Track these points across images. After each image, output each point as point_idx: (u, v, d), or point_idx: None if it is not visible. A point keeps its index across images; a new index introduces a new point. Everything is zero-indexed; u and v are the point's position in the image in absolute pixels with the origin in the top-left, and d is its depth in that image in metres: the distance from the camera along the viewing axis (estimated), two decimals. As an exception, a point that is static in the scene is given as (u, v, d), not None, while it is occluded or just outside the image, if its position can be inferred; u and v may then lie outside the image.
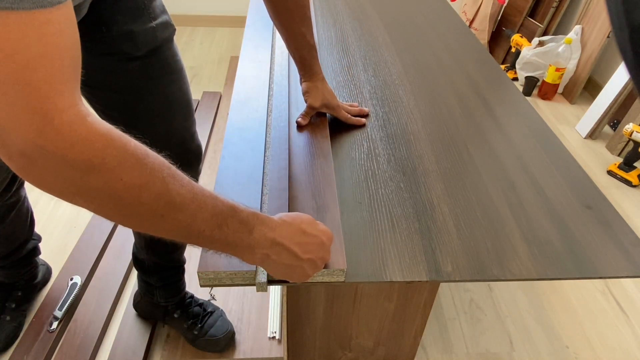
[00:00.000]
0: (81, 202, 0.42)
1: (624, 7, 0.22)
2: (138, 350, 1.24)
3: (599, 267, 0.71)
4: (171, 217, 0.46)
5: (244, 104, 0.98)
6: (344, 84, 1.13)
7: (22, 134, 0.37)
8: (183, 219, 0.47)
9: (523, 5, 2.90)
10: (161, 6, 0.83)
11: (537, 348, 1.37)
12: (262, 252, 0.54)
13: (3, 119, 0.37)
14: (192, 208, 0.47)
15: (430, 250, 0.71)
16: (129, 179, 0.42)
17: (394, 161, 0.89)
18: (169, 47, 0.85)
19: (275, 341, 1.26)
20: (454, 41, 1.39)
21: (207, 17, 3.31)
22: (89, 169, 0.40)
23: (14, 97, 0.36)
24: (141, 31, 0.78)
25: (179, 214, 0.46)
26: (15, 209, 1.16)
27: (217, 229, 0.50)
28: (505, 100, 1.12)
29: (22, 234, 1.24)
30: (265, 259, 0.55)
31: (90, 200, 0.42)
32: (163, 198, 0.45)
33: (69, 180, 0.40)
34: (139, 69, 0.80)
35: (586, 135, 2.38)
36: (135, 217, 0.45)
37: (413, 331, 1.13)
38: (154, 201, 0.44)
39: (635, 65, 0.23)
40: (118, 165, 0.41)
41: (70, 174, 0.40)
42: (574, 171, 0.90)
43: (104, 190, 0.41)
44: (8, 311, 1.28)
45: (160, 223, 0.46)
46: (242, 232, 0.52)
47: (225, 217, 0.50)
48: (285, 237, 0.55)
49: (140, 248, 1.14)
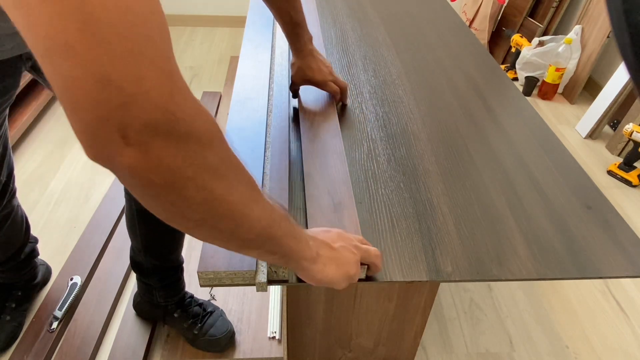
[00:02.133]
0: (192, 188, 0.37)
1: (624, 7, 0.22)
2: (138, 350, 1.24)
3: (599, 267, 0.71)
4: (262, 203, 0.45)
5: (244, 104, 0.98)
6: (344, 84, 1.13)
7: (154, 97, 0.31)
8: (266, 207, 0.46)
9: (523, 5, 2.90)
10: None
11: (537, 348, 1.37)
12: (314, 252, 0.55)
13: (131, 82, 0.30)
14: (269, 203, 0.47)
15: (430, 250, 0.71)
16: (233, 158, 0.41)
17: (394, 161, 0.89)
18: None
19: (275, 341, 1.26)
20: (454, 41, 1.39)
21: (207, 17, 3.31)
22: (210, 141, 0.36)
23: (139, 54, 0.30)
24: None
25: (262, 203, 0.46)
26: (10, 219, 1.16)
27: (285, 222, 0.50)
28: (505, 100, 1.12)
29: (18, 240, 1.24)
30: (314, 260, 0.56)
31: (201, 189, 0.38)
32: (254, 184, 0.45)
33: (189, 157, 0.35)
34: None
35: (586, 135, 2.38)
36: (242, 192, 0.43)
37: (413, 331, 1.13)
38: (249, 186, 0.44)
39: (635, 65, 0.23)
40: (224, 142, 0.39)
41: (193, 148, 0.35)
42: (574, 171, 0.90)
43: (218, 167, 0.38)
44: (8, 311, 1.28)
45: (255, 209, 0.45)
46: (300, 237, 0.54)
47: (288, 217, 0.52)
48: (313, 233, 0.58)
49: (137, 251, 1.14)
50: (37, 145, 2.05)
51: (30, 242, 1.31)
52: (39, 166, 1.93)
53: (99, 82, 0.30)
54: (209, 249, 0.66)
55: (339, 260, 0.58)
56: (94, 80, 0.30)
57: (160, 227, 1.09)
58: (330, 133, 0.91)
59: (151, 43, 0.31)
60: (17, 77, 0.87)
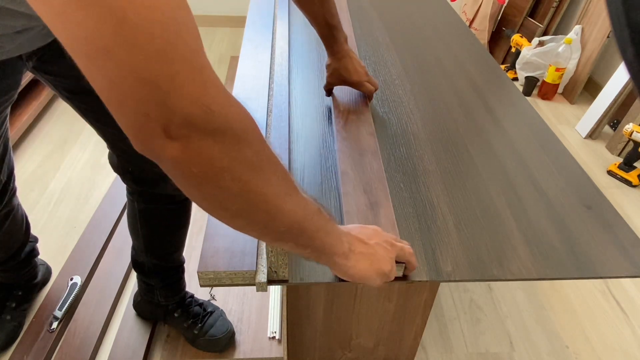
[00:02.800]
0: (229, 182, 0.39)
1: (624, 7, 0.22)
2: (138, 350, 1.24)
3: (599, 267, 0.71)
4: (295, 197, 0.46)
5: (244, 104, 0.98)
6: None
7: (190, 92, 0.33)
8: (300, 201, 0.47)
9: (523, 5, 2.90)
10: None
11: (537, 348, 1.37)
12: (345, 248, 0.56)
13: (166, 80, 0.32)
14: (302, 197, 0.48)
15: (430, 250, 0.71)
16: (268, 151, 0.41)
17: (394, 161, 0.89)
18: None
19: (275, 341, 1.26)
20: (454, 41, 1.39)
21: (207, 17, 3.31)
22: (244, 133, 0.38)
23: (173, 52, 0.32)
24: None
25: (296, 196, 0.46)
26: (10, 218, 1.16)
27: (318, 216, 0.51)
28: (505, 100, 1.12)
29: (18, 239, 1.24)
30: (347, 255, 0.56)
31: (237, 179, 0.39)
32: (288, 178, 0.45)
33: (226, 149, 0.37)
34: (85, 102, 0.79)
35: (586, 135, 2.38)
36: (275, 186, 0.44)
37: (413, 331, 1.13)
38: (283, 179, 0.44)
39: (635, 65, 0.23)
40: (259, 135, 0.41)
41: (229, 140, 0.37)
42: (574, 171, 0.90)
43: (252, 160, 0.39)
44: (8, 310, 1.28)
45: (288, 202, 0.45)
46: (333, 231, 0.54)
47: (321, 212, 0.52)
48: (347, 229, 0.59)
49: (139, 251, 1.14)
50: (37, 145, 2.05)
51: (31, 241, 1.31)
52: (39, 166, 1.93)
53: (137, 82, 0.31)
54: (209, 249, 0.66)
55: (373, 257, 0.58)
56: (133, 81, 0.31)
57: (162, 227, 1.09)
58: (365, 131, 0.91)
59: (180, 39, 0.32)
60: (18, 77, 0.87)
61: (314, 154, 0.89)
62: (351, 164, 0.82)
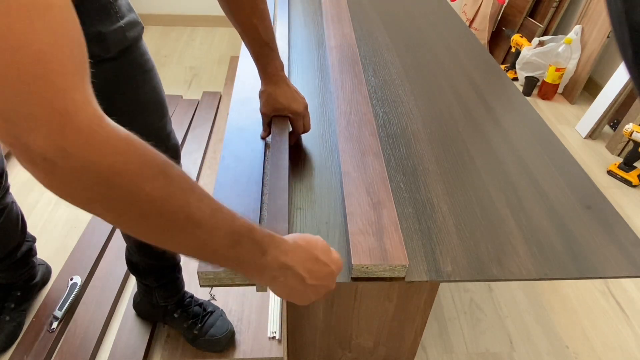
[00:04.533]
0: (101, 211, 0.40)
1: (624, 7, 0.22)
2: (138, 350, 1.24)
3: (599, 267, 0.71)
4: (189, 232, 0.44)
5: (244, 104, 0.98)
6: (344, 84, 1.13)
7: (43, 134, 0.34)
8: (200, 235, 0.45)
9: (523, 5, 2.90)
10: (127, 5, 0.79)
11: (537, 348, 1.37)
12: (271, 274, 0.54)
13: (22, 119, 0.33)
14: (211, 224, 0.46)
15: (430, 250, 0.71)
16: (151, 188, 0.40)
17: (394, 161, 0.89)
18: (138, 46, 0.82)
19: (275, 341, 1.26)
20: (454, 41, 1.39)
21: (207, 17, 3.31)
22: (112, 175, 0.37)
23: (30, 94, 0.33)
24: (110, 32, 0.75)
25: (197, 230, 0.45)
26: (3, 216, 1.16)
27: (232, 248, 0.48)
28: (505, 100, 1.12)
29: (13, 238, 1.24)
30: (273, 281, 0.55)
31: (111, 210, 0.40)
32: (183, 211, 0.43)
33: (91, 187, 0.37)
34: (110, 70, 0.78)
35: (586, 135, 2.38)
36: (153, 229, 0.43)
37: (413, 331, 1.13)
38: (174, 214, 0.42)
39: (635, 65, 0.23)
40: (141, 173, 0.39)
41: (93, 180, 0.37)
42: (574, 171, 0.90)
43: (126, 199, 0.39)
44: (7, 311, 1.28)
45: (178, 237, 0.45)
46: (255, 253, 0.51)
47: (241, 236, 0.49)
48: (296, 262, 0.54)
49: (132, 251, 1.14)
50: (37, 145, 2.05)
51: (27, 241, 1.31)
52: (39, 166, 1.93)
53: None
54: (209, 249, 0.66)
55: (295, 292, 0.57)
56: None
57: None
58: (367, 132, 0.91)
59: (43, 81, 0.33)
60: None
61: (314, 154, 0.89)
62: (353, 165, 0.82)
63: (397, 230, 0.70)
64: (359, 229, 0.70)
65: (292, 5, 1.54)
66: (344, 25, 1.34)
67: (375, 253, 0.66)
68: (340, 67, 1.12)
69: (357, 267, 0.65)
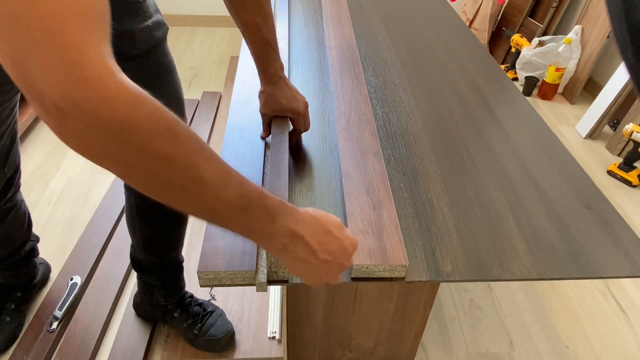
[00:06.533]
0: (110, 164, 0.41)
1: (624, 7, 0.22)
2: (138, 350, 1.24)
3: (599, 267, 0.71)
4: (196, 191, 0.45)
5: (244, 104, 0.98)
6: (344, 84, 1.13)
7: (55, 84, 0.35)
8: (208, 195, 0.45)
9: (523, 5, 2.90)
10: (154, 5, 0.82)
11: (537, 348, 1.37)
12: (281, 242, 0.53)
13: (36, 69, 0.35)
14: (219, 186, 0.46)
15: (430, 250, 0.71)
16: (158, 144, 0.40)
17: (394, 161, 0.89)
18: (163, 46, 0.85)
19: (275, 341, 1.26)
20: (454, 41, 1.39)
21: (207, 17, 3.31)
22: (121, 129, 0.38)
23: (45, 44, 0.34)
24: (138, 30, 0.77)
25: (204, 190, 0.45)
26: (12, 213, 1.16)
27: (241, 211, 0.48)
28: (505, 100, 1.12)
29: (20, 236, 1.24)
30: (282, 250, 0.54)
31: (119, 163, 0.41)
32: (191, 170, 0.43)
33: (100, 140, 0.38)
34: (136, 68, 0.78)
35: (586, 135, 2.38)
36: (160, 186, 0.44)
37: (413, 331, 1.13)
38: (181, 172, 0.43)
39: (635, 65, 0.23)
40: (149, 129, 0.39)
41: (102, 132, 0.37)
42: (574, 171, 0.90)
43: (133, 154, 0.39)
44: (7, 312, 1.28)
45: (185, 196, 0.45)
46: (265, 219, 0.51)
47: (250, 201, 0.49)
48: (306, 231, 0.53)
49: (137, 249, 1.14)
50: (37, 145, 2.05)
51: (32, 240, 1.31)
52: (39, 166, 1.93)
53: (15, 66, 0.36)
54: (209, 248, 0.66)
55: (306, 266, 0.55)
56: (11, 64, 0.36)
57: (159, 224, 1.09)
58: (367, 132, 0.91)
59: (60, 34, 0.34)
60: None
61: (314, 154, 0.89)
62: (353, 165, 0.82)
63: (397, 230, 0.70)
64: (359, 229, 0.70)
65: (292, 5, 1.54)
66: (344, 25, 1.34)
67: (375, 253, 0.66)
68: (340, 67, 1.12)
69: (357, 267, 0.65)
